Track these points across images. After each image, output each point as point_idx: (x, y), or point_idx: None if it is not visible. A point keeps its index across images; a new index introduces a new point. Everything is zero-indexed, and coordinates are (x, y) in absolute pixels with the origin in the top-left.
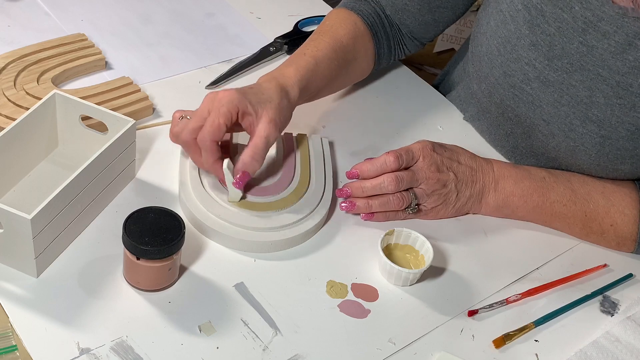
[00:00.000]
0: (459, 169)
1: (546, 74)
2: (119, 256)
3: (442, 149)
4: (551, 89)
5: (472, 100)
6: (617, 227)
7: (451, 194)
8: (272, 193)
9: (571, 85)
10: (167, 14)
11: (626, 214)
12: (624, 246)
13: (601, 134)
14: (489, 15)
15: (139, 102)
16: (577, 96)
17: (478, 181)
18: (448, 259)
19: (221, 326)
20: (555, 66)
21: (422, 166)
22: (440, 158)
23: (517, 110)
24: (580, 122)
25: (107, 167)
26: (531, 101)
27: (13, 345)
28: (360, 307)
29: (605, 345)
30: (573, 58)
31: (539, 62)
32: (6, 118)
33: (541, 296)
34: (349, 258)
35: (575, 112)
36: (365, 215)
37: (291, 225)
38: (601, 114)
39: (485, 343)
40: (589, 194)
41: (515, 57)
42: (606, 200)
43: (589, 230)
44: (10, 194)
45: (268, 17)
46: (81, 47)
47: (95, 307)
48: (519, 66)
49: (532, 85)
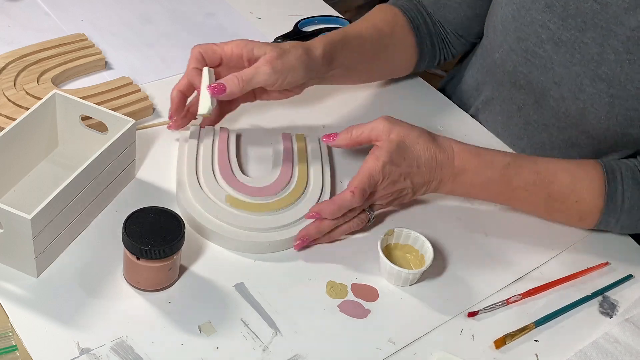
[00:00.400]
0: (417, 174)
1: (559, 34)
2: (119, 256)
3: (401, 158)
4: (563, 49)
5: (483, 81)
6: (583, 201)
7: (407, 196)
8: (270, 194)
9: (583, 43)
10: (167, 14)
11: (593, 187)
12: (587, 219)
13: (610, 93)
14: None
15: (139, 102)
16: (588, 54)
17: (435, 180)
18: (448, 259)
19: (221, 326)
20: (569, 25)
21: (380, 188)
22: (397, 171)
23: (529, 76)
24: (590, 81)
25: (107, 167)
26: (543, 64)
27: (13, 345)
28: (360, 307)
29: (605, 346)
30: (587, 16)
31: (553, 23)
32: (6, 118)
33: (541, 296)
34: (349, 258)
35: (585, 71)
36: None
37: (289, 225)
38: (611, 71)
39: (486, 343)
40: (555, 173)
41: (529, 20)
42: (572, 177)
43: (551, 209)
44: (10, 194)
45: (268, 17)
46: (81, 47)
47: (95, 307)
48: (532, 29)
49: (544, 47)
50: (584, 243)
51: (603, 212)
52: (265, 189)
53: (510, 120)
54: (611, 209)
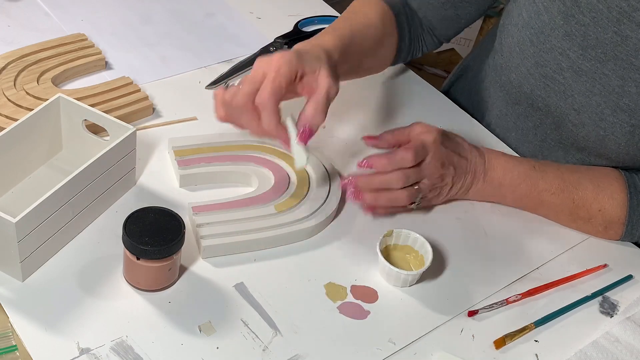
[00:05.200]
0: (460, 163)
1: (579, 64)
2: (119, 256)
3: (448, 141)
4: (584, 78)
5: (497, 96)
6: (606, 211)
7: (446, 187)
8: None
9: (604, 75)
10: (167, 14)
11: (615, 198)
12: (611, 230)
13: (632, 123)
14: (521, 7)
15: (138, 102)
16: (609, 85)
17: (470, 172)
18: (448, 259)
19: (221, 326)
20: (589, 56)
21: (430, 162)
22: (446, 153)
23: (548, 100)
24: (611, 111)
25: (104, 174)
26: (563, 91)
27: (13, 345)
28: (360, 308)
29: (605, 345)
30: (607, 48)
31: (573, 52)
32: (6, 118)
33: (541, 296)
34: (348, 260)
35: (606, 102)
36: (368, 208)
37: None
38: (632, 103)
39: (486, 343)
40: (578, 180)
41: (548, 47)
42: (595, 185)
43: (576, 217)
44: (8, 195)
45: (268, 17)
46: (81, 47)
47: (95, 307)
48: (552, 56)
49: (564, 75)
50: (584, 245)
51: (627, 224)
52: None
53: (525, 137)
54: (635, 220)
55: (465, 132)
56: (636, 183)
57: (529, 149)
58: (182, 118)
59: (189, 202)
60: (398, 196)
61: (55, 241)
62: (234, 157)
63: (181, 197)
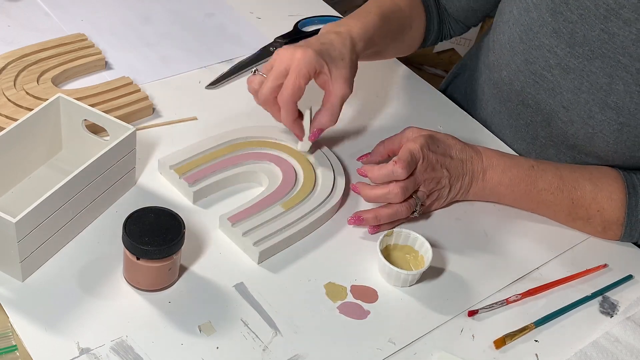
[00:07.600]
0: (452, 164)
1: (567, 61)
2: (119, 256)
3: (435, 145)
4: (571, 75)
5: (490, 93)
6: (604, 212)
7: (444, 189)
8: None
9: (591, 72)
10: (167, 14)
11: (614, 199)
12: (610, 231)
13: (620, 121)
14: (512, 4)
15: (138, 102)
16: (596, 83)
17: (467, 173)
18: (448, 259)
19: (221, 326)
20: (577, 53)
21: (421, 169)
22: (434, 157)
23: (538, 97)
24: (599, 108)
25: (104, 174)
26: (552, 88)
27: (13, 345)
28: (360, 308)
29: (605, 345)
30: (594, 45)
31: (560, 49)
32: (6, 118)
33: (541, 296)
34: (348, 260)
35: (594, 99)
36: (373, 229)
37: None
38: (620, 101)
39: (486, 343)
40: (577, 180)
41: (537, 44)
42: (594, 185)
43: (575, 217)
44: (8, 195)
45: (268, 17)
46: (81, 47)
47: (95, 307)
48: (540, 53)
49: (552, 72)
50: (584, 245)
51: (625, 225)
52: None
53: (517, 134)
54: (633, 222)
55: (462, 130)
56: (635, 183)
57: (522, 146)
58: (182, 118)
59: (220, 214)
60: (398, 210)
61: (55, 241)
62: (234, 158)
63: (181, 197)
